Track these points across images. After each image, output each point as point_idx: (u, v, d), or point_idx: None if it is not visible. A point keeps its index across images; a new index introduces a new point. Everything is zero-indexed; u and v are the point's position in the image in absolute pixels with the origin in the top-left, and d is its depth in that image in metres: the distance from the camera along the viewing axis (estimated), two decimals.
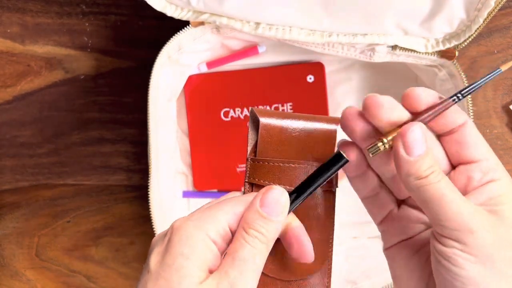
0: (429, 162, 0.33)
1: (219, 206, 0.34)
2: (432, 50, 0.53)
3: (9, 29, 0.61)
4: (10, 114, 0.63)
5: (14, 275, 0.66)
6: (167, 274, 0.31)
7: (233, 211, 0.34)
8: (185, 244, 0.32)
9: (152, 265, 0.32)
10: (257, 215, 0.33)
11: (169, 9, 0.53)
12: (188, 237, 0.32)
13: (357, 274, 0.59)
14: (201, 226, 0.32)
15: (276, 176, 0.37)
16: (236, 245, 0.33)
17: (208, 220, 0.33)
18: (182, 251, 0.32)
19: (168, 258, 0.32)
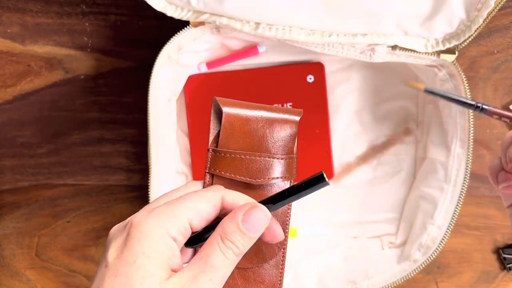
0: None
1: (181, 202, 0.34)
2: (432, 50, 0.53)
3: (9, 29, 0.61)
4: (10, 114, 0.63)
5: (14, 275, 0.66)
6: (127, 271, 0.31)
7: (195, 208, 0.34)
8: (145, 242, 0.32)
9: (110, 259, 0.32)
10: (236, 228, 0.34)
11: (169, 9, 0.53)
12: (148, 235, 0.32)
13: (357, 274, 0.59)
14: (162, 224, 0.32)
15: (237, 168, 0.37)
16: (209, 250, 0.33)
17: (169, 217, 0.33)
18: (143, 249, 0.31)
19: (127, 255, 0.31)
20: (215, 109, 0.39)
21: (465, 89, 0.53)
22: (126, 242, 0.32)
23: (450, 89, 0.54)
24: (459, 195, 0.55)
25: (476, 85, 0.61)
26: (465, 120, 0.53)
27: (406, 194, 0.62)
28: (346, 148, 0.63)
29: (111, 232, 0.34)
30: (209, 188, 0.36)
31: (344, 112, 0.62)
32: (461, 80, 0.53)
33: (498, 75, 0.61)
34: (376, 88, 0.62)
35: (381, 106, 0.62)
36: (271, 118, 0.38)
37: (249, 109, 0.38)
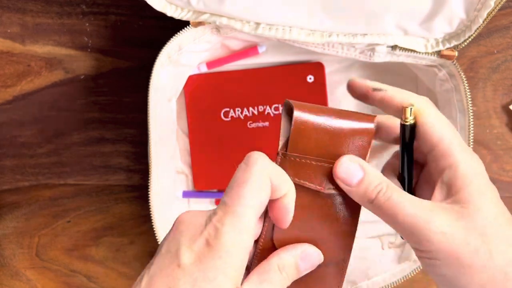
0: (370, 184, 0.35)
1: (249, 205, 0.33)
2: (432, 50, 0.53)
3: (9, 29, 0.61)
4: (10, 114, 0.63)
5: (15, 275, 0.66)
6: (205, 285, 0.30)
7: (260, 205, 0.33)
8: (227, 260, 0.31)
9: (186, 261, 0.31)
10: (294, 264, 0.35)
11: (169, 9, 0.53)
12: (231, 254, 0.31)
13: (357, 274, 0.59)
14: (242, 240, 0.32)
15: (306, 174, 0.36)
16: (270, 276, 0.34)
17: (247, 229, 0.32)
18: (224, 268, 0.31)
19: (208, 268, 0.31)
20: (286, 111, 0.38)
21: (465, 89, 0.53)
22: (207, 251, 0.31)
23: (450, 89, 0.54)
24: None
25: (476, 85, 0.61)
26: (465, 120, 0.53)
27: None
28: None
29: (184, 226, 0.32)
30: (257, 173, 0.33)
31: None
32: (461, 80, 0.53)
33: (498, 75, 0.61)
34: None
35: None
36: (345, 125, 0.36)
37: (322, 113, 0.37)
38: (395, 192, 0.34)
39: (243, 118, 0.62)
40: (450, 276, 0.33)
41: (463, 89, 0.53)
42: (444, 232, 0.33)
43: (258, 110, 0.62)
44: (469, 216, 0.33)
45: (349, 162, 0.35)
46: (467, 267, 0.33)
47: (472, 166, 0.35)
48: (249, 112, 0.62)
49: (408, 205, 0.34)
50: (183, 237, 0.32)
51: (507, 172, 0.62)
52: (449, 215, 0.33)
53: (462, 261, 0.33)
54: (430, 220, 0.33)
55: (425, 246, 0.33)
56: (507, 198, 0.63)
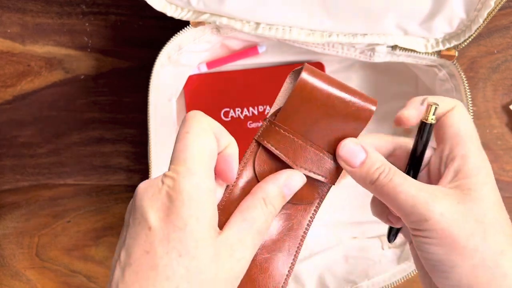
0: (373, 165, 0.36)
1: (201, 151, 0.33)
2: (432, 50, 0.53)
3: (9, 29, 0.61)
4: (10, 114, 0.63)
5: (14, 275, 0.66)
6: (179, 236, 0.31)
7: (210, 150, 0.34)
8: (193, 205, 0.31)
9: (154, 223, 0.31)
10: (278, 192, 0.36)
11: (169, 9, 0.53)
12: (195, 198, 0.32)
13: (357, 274, 0.59)
14: (203, 182, 0.32)
15: (285, 147, 0.37)
16: (254, 214, 0.34)
17: (204, 170, 0.33)
18: (191, 213, 0.31)
19: (176, 219, 0.31)
20: (293, 77, 0.38)
21: (465, 89, 0.53)
22: (170, 206, 0.31)
23: (450, 89, 0.54)
24: None
25: (476, 85, 0.61)
26: None
27: None
28: None
29: (141, 191, 0.33)
30: (195, 124, 0.34)
31: None
32: (461, 80, 0.53)
33: (498, 75, 0.61)
34: (376, 88, 0.62)
35: (381, 106, 0.62)
36: (348, 98, 0.36)
37: (328, 84, 0.36)
38: (397, 174, 0.36)
39: (243, 118, 0.62)
40: (442, 256, 0.34)
41: (463, 89, 0.53)
42: (443, 213, 0.34)
43: (258, 110, 0.62)
44: (469, 202, 0.35)
45: (352, 144, 0.36)
46: (461, 248, 0.34)
47: (483, 161, 0.36)
48: (249, 112, 0.62)
49: (410, 186, 0.35)
50: (145, 201, 0.32)
51: (507, 172, 0.62)
52: (451, 199, 0.35)
53: (457, 242, 0.34)
54: (430, 201, 0.34)
55: (423, 225, 0.34)
56: (507, 198, 0.63)
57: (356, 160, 0.36)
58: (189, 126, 0.33)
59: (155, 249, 0.31)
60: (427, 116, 0.38)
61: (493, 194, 0.35)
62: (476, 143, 0.37)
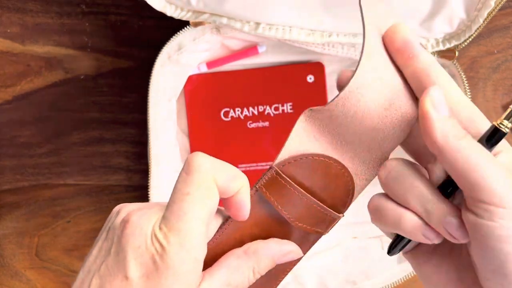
0: (457, 123, 0.30)
1: (194, 218, 0.31)
2: (432, 50, 0.53)
3: (9, 29, 0.61)
4: (10, 114, 0.63)
5: (14, 275, 0.65)
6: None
7: (208, 217, 0.32)
8: (178, 279, 0.30)
9: (133, 275, 0.30)
10: (270, 265, 0.34)
11: (169, 9, 0.53)
12: (181, 272, 0.30)
13: (357, 275, 0.59)
14: (190, 254, 0.31)
15: (287, 203, 0.34)
16: (239, 280, 0.33)
17: (201, 243, 0.31)
18: (172, 287, 0.30)
19: (155, 286, 0.30)
20: (307, 117, 0.34)
21: (465, 89, 0.53)
22: (154, 270, 0.30)
23: None
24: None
25: (476, 85, 0.61)
26: None
27: None
28: None
29: (132, 224, 0.31)
30: (199, 181, 0.31)
31: None
32: (461, 80, 0.53)
33: (498, 75, 0.61)
34: None
35: None
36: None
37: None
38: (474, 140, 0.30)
39: (243, 118, 0.62)
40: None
41: (463, 89, 0.53)
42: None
43: (258, 110, 0.62)
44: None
45: (441, 93, 0.30)
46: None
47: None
48: (249, 112, 0.62)
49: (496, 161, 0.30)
50: (130, 247, 0.30)
51: None
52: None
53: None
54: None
55: (502, 212, 0.29)
56: None
57: (443, 111, 0.30)
58: (191, 184, 0.31)
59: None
60: (502, 122, 0.31)
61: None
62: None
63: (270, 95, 0.61)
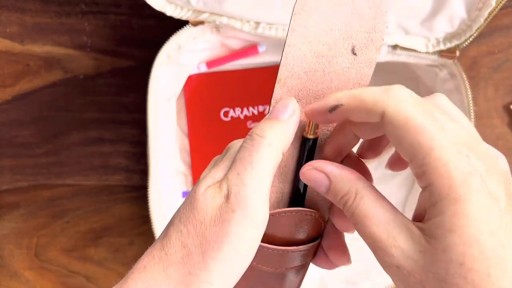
0: (338, 192, 0.30)
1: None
2: (433, 50, 0.53)
3: (8, 29, 0.61)
4: (9, 114, 0.63)
5: (13, 276, 0.65)
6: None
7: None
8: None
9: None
10: (262, 121, 0.31)
11: (168, 9, 0.52)
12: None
13: (358, 275, 0.59)
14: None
15: (263, 258, 0.33)
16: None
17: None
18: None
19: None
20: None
21: (466, 89, 0.53)
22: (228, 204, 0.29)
23: (451, 89, 0.54)
24: None
25: (477, 85, 0.61)
26: None
27: (407, 195, 0.62)
28: None
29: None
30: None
31: None
32: (462, 80, 0.53)
33: (499, 75, 0.61)
34: None
35: None
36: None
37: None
38: (364, 199, 0.30)
39: (243, 118, 0.61)
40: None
41: (464, 89, 0.53)
42: (403, 249, 0.28)
43: (258, 110, 0.61)
44: (433, 254, 0.27)
45: (315, 172, 0.31)
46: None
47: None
48: (249, 112, 0.61)
49: (379, 220, 0.29)
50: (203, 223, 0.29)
51: None
52: (412, 236, 0.28)
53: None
54: (391, 239, 0.29)
55: (385, 261, 0.29)
56: None
57: (322, 187, 0.31)
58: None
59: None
60: (308, 131, 0.33)
61: (471, 238, 0.26)
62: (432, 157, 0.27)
63: (270, 95, 0.61)
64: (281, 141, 0.30)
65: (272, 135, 0.30)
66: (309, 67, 0.33)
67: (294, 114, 0.32)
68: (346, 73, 0.33)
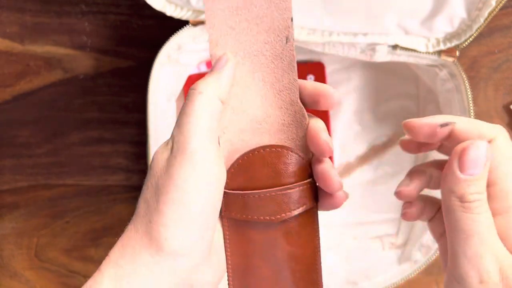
0: (478, 187, 0.30)
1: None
2: (432, 50, 0.52)
3: (8, 29, 0.61)
4: (9, 114, 0.63)
5: (13, 276, 0.65)
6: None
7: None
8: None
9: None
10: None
11: (168, 9, 0.52)
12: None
13: (358, 275, 0.59)
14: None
15: (253, 210, 0.34)
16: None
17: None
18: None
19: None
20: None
21: (466, 89, 0.53)
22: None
23: (451, 89, 0.54)
24: None
25: (477, 85, 0.61)
26: None
27: None
28: (347, 149, 0.62)
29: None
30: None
31: (344, 112, 0.62)
32: (462, 80, 0.53)
33: (499, 75, 0.61)
34: (377, 88, 0.62)
35: (382, 106, 0.62)
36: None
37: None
38: (488, 214, 0.31)
39: None
40: None
41: (464, 89, 0.53)
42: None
43: None
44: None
45: (484, 151, 0.30)
46: None
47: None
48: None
49: (493, 237, 0.30)
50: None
51: None
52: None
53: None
54: (499, 270, 0.30)
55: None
56: None
57: (471, 169, 0.30)
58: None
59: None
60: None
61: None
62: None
63: None
64: (213, 88, 0.34)
65: (202, 85, 0.33)
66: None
67: (226, 63, 0.35)
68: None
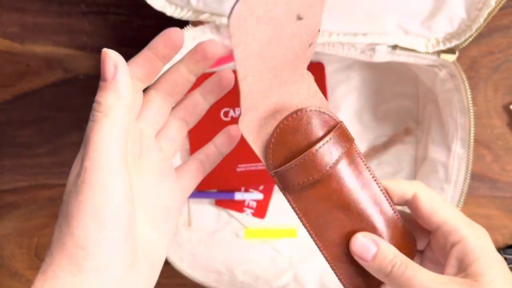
0: (385, 258, 0.36)
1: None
2: (432, 50, 0.53)
3: (9, 29, 0.61)
4: (9, 114, 0.63)
5: (14, 276, 0.65)
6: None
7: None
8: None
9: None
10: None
11: (168, 9, 0.52)
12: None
13: None
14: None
15: (305, 173, 0.36)
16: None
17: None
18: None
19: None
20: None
21: (466, 89, 0.53)
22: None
23: (451, 89, 0.54)
24: (460, 195, 0.55)
25: (476, 85, 0.61)
26: (466, 120, 0.53)
27: None
28: None
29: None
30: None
31: (344, 112, 0.62)
32: (462, 80, 0.53)
33: (499, 75, 0.61)
34: (376, 88, 0.62)
35: (381, 106, 0.62)
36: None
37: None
38: (409, 266, 0.35)
39: None
40: None
41: (463, 89, 0.53)
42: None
43: None
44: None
45: (363, 238, 0.37)
46: None
47: (479, 239, 0.36)
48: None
49: (424, 278, 0.34)
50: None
51: (507, 172, 0.62)
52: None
53: None
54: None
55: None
56: (508, 198, 0.62)
57: (368, 254, 0.36)
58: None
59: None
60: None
61: (501, 274, 0.35)
62: (464, 221, 0.36)
63: None
64: (117, 106, 0.37)
65: (105, 104, 0.37)
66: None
67: (116, 70, 0.36)
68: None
